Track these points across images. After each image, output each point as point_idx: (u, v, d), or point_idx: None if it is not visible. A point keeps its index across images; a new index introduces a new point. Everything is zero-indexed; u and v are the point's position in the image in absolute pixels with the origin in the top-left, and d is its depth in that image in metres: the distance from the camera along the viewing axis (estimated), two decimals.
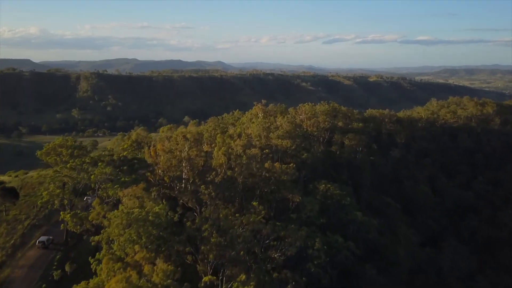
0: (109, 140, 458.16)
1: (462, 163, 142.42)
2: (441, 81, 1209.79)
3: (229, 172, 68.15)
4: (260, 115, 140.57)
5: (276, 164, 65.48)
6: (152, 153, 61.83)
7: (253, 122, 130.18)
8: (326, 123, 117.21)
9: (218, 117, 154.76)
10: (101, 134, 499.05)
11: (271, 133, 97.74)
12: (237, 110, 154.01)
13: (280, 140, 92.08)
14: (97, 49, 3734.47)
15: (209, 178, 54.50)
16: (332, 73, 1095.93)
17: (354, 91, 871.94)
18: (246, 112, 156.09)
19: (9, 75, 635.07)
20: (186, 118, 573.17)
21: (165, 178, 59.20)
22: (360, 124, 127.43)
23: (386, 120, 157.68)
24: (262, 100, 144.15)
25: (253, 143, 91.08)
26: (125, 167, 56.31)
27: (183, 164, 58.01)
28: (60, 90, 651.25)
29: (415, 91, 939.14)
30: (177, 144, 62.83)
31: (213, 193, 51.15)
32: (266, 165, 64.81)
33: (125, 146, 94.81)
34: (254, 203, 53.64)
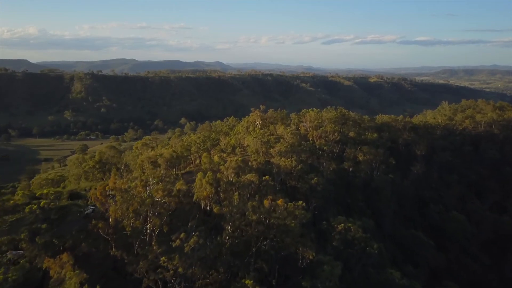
0: (101, 143, 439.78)
1: (489, 178, 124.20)
2: (440, 81, 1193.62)
3: (215, 209, 49.94)
4: (258, 123, 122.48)
5: (280, 202, 47.43)
6: (98, 195, 43.13)
7: (250, 132, 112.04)
8: (336, 134, 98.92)
9: (211, 123, 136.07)
10: (93, 137, 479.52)
11: (271, 149, 79.55)
12: (232, 116, 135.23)
13: (282, 158, 73.81)
14: (96, 50, 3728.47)
15: (177, 243, 35.85)
16: (332, 74, 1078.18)
17: (355, 92, 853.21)
18: (243, 118, 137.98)
19: (0, 75, 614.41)
20: (182, 120, 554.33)
21: (126, 226, 40.96)
22: (375, 135, 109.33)
23: (400, 127, 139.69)
24: (261, 106, 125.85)
25: (250, 163, 72.83)
26: (43, 225, 37.54)
27: (146, 209, 39.79)
28: (54, 91, 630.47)
29: (416, 92, 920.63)
30: (143, 173, 44.84)
31: (180, 269, 33.20)
32: (266, 203, 46.73)
33: (86, 168, 76.24)
34: (247, 282, 35.58)
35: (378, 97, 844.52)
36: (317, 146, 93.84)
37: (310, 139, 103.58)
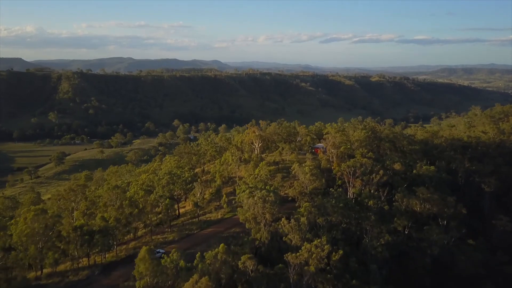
0: (85, 149, 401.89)
1: None
2: (440, 80, 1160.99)
3: None
4: (256, 145, 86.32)
5: None
6: None
7: (245, 159, 75.74)
8: (380, 172, 62.62)
9: (195, 144, 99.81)
10: (78, 141, 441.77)
11: (282, 219, 43.38)
12: (220, 135, 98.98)
13: (305, 244, 37.62)
14: (93, 48, 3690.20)
15: None
16: (332, 73, 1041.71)
17: (356, 92, 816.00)
18: (235, 134, 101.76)
19: None
20: (175, 122, 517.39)
21: None
22: (432, 168, 73.24)
23: (445, 145, 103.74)
24: (260, 122, 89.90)
25: (241, 264, 36.25)
26: None
27: None
28: (39, 91, 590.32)
29: (418, 91, 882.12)
30: None
31: None
32: None
33: None
34: None
35: (380, 98, 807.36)
36: (353, 196, 58.02)
37: (337, 176, 67.32)
